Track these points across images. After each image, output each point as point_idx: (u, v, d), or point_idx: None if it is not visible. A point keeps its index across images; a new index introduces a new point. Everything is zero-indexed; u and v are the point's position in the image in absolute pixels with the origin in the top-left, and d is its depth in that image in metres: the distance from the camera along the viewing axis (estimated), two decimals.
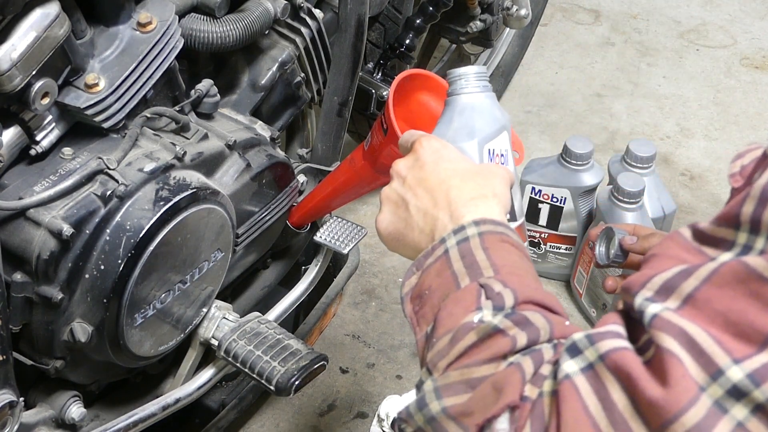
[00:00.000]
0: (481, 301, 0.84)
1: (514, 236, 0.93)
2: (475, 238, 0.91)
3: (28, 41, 1.18)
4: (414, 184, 1.01)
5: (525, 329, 0.81)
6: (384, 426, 1.83)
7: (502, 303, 0.83)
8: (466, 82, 1.14)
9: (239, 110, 1.58)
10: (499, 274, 0.87)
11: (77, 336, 1.28)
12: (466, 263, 0.89)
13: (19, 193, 1.25)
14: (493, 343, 0.81)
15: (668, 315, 0.69)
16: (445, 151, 1.03)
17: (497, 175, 1.01)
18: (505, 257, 0.90)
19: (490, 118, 1.13)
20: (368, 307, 2.11)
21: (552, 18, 3.05)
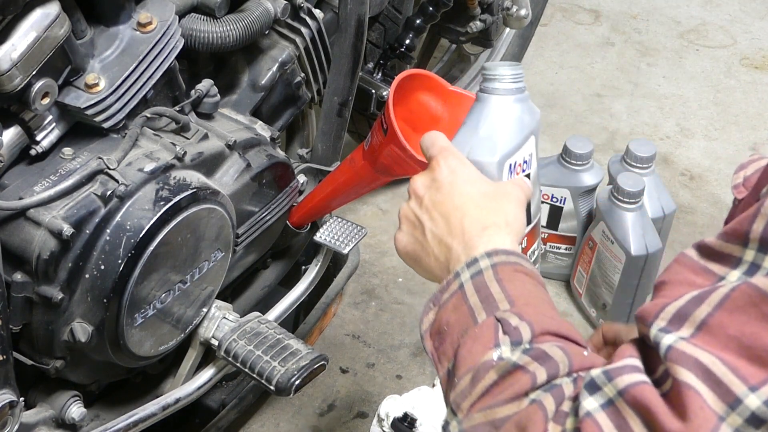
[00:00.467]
0: (498, 337, 0.85)
1: (528, 264, 0.94)
2: (488, 271, 0.92)
3: (28, 41, 1.18)
4: (430, 207, 1.02)
5: (544, 364, 0.81)
6: (384, 426, 1.83)
7: (520, 337, 0.84)
8: (499, 84, 1.10)
9: (239, 110, 1.58)
10: (514, 306, 0.87)
11: (77, 336, 1.28)
12: (481, 297, 0.90)
13: (20, 193, 1.25)
14: (514, 380, 0.81)
15: (683, 346, 0.69)
16: (463, 171, 1.02)
17: (512, 198, 1.00)
18: (519, 288, 0.90)
19: (517, 128, 1.10)
20: (368, 307, 2.11)
21: (552, 18, 3.05)
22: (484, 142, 1.08)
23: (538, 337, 0.84)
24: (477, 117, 1.09)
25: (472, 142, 1.08)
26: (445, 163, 1.03)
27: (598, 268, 2.01)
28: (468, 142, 1.08)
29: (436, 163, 1.04)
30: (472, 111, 1.10)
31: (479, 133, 1.08)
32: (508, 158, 1.08)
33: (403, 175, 1.49)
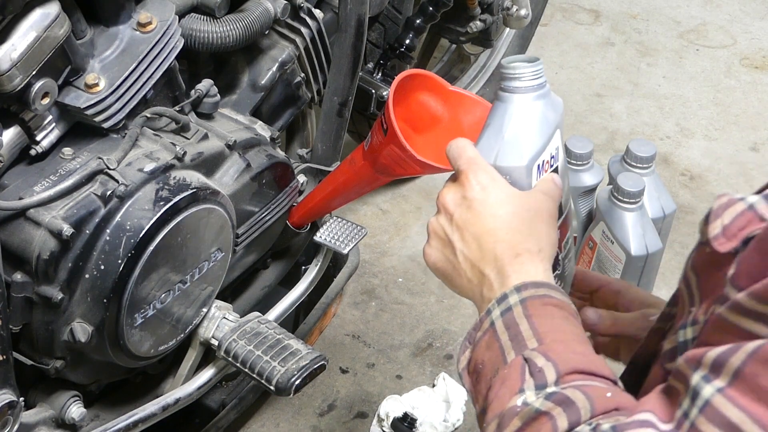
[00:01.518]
0: (524, 380, 0.85)
1: (557, 294, 0.93)
2: (517, 307, 0.91)
3: (28, 41, 1.18)
4: (462, 226, 1.00)
5: (566, 410, 0.80)
6: (384, 426, 1.83)
7: (545, 380, 0.84)
8: (521, 83, 1.05)
9: (239, 110, 1.58)
10: (542, 344, 0.87)
11: (77, 336, 1.28)
12: (511, 335, 0.89)
13: (19, 193, 1.25)
14: (537, 428, 0.81)
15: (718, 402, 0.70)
16: (494, 189, 1.00)
17: (544, 215, 1.00)
18: (548, 323, 0.89)
19: (543, 126, 1.06)
20: (368, 307, 2.11)
21: (552, 18, 3.05)
22: (511, 146, 1.04)
23: (564, 377, 0.84)
24: (500, 119, 1.05)
25: (498, 147, 1.04)
26: (475, 179, 1.01)
27: (598, 268, 2.01)
28: (494, 147, 1.04)
29: (465, 178, 1.02)
30: (495, 112, 1.06)
31: (504, 137, 1.04)
32: (536, 160, 1.05)
33: (403, 175, 1.49)
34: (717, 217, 0.80)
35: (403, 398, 1.87)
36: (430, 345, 2.03)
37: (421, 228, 2.31)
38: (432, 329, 2.06)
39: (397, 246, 2.26)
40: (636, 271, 1.93)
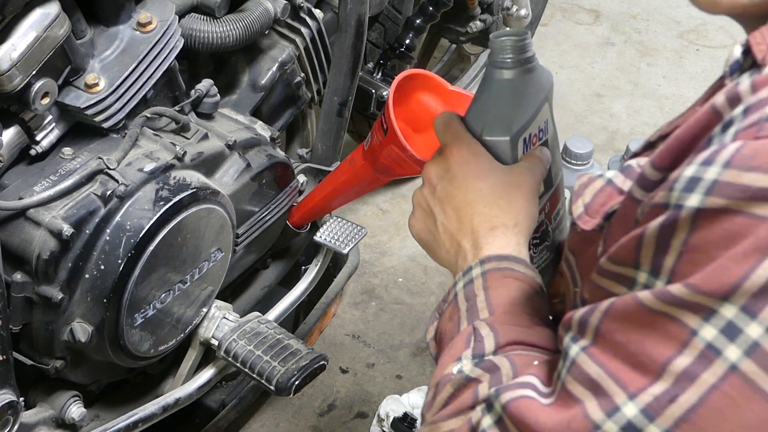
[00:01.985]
0: (466, 348, 0.86)
1: (521, 267, 0.94)
2: (478, 279, 0.93)
3: (28, 41, 1.18)
4: (443, 198, 1.03)
5: (492, 377, 0.82)
6: (384, 426, 1.83)
7: (482, 350, 0.85)
8: (507, 56, 1.04)
9: (239, 110, 1.58)
10: (493, 315, 0.89)
11: (77, 336, 1.28)
12: (468, 306, 0.91)
13: (19, 193, 1.25)
14: (463, 394, 0.83)
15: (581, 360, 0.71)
16: (476, 162, 1.02)
17: (524, 189, 1.01)
18: (503, 295, 0.91)
19: (529, 100, 1.06)
20: (368, 307, 2.11)
21: (552, 18, 3.05)
22: (497, 119, 1.04)
23: (504, 347, 0.85)
24: (487, 93, 1.05)
25: (484, 121, 1.05)
26: (458, 153, 1.02)
27: None
28: (480, 120, 1.05)
29: (449, 152, 1.03)
30: (483, 85, 1.06)
31: (490, 110, 1.05)
32: (522, 133, 1.05)
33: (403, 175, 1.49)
34: (578, 197, 0.82)
35: (403, 398, 1.87)
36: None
37: None
38: None
39: (397, 246, 2.26)
40: None
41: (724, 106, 0.68)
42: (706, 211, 0.64)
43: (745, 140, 0.63)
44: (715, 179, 0.63)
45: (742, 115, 0.65)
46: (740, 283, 0.62)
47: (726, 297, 0.63)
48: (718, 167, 0.63)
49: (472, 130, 1.04)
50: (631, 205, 0.74)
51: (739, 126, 0.65)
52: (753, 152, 0.62)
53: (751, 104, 0.65)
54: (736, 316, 0.63)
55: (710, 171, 0.63)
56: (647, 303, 0.66)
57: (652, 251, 0.67)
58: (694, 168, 0.64)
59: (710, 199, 0.63)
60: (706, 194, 0.63)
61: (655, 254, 0.67)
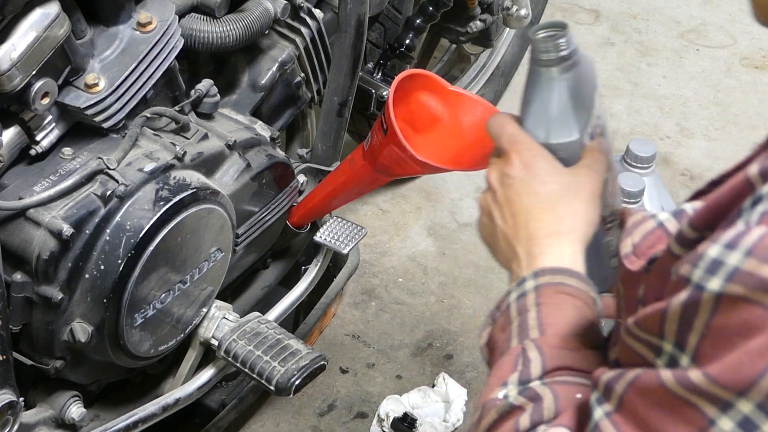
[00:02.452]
0: (513, 371, 0.87)
1: (574, 281, 0.94)
2: (531, 294, 0.93)
3: (28, 41, 1.18)
4: (502, 203, 1.02)
5: (533, 408, 0.83)
6: (384, 426, 1.83)
7: (529, 375, 0.86)
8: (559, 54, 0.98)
9: (239, 110, 1.58)
10: (543, 335, 0.89)
11: (77, 336, 1.28)
12: (520, 321, 0.92)
13: (19, 193, 1.25)
14: (506, 422, 0.83)
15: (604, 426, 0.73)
16: (536, 167, 1.00)
17: (584, 192, 0.99)
18: (554, 313, 0.91)
19: (588, 92, 1.01)
20: (368, 307, 2.11)
21: (552, 18, 3.05)
22: (561, 121, 1.00)
23: (550, 372, 0.86)
24: (544, 94, 1.00)
25: (546, 125, 1.01)
26: (518, 158, 1.01)
27: None
28: (542, 125, 1.01)
29: (508, 157, 1.02)
30: (535, 87, 1.01)
31: (552, 113, 1.00)
32: (587, 128, 1.01)
33: (403, 175, 1.49)
34: (629, 235, 0.82)
35: (403, 398, 1.87)
36: (430, 345, 2.03)
37: (420, 228, 2.31)
38: (432, 329, 2.06)
39: (397, 246, 2.26)
40: None
41: (756, 178, 0.69)
42: (726, 296, 0.65)
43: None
44: (737, 266, 0.64)
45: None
46: (756, 380, 0.64)
47: (743, 392, 0.65)
48: (740, 254, 0.64)
49: (535, 135, 1.01)
50: (668, 259, 0.75)
51: (766, 207, 0.66)
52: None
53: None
54: (752, 412, 0.65)
55: (732, 256, 0.65)
56: (669, 386, 0.68)
57: (676, 327, 0.69)
58: (718, 249, 0.65)
59: (730, 286, 0.65)
60: (727, 280, 0.65)
61: (679, 331, 0.68)
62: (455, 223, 2.33)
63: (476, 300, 2.13)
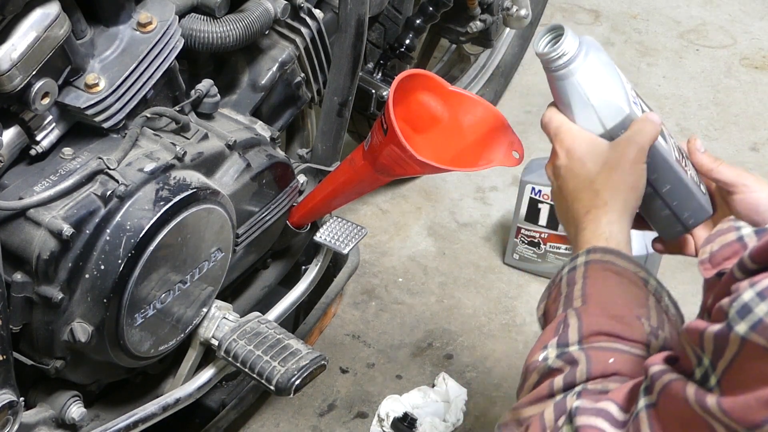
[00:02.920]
0: (554, 336, 0.94)
1: (622, 261, 1.01)
2: (581, 268, 1.01)
3: (28, 41, 1.18)
4: (557, 194, 1.13)
5: (569, 370, 0.89)
6: (384, 426, 1.83)
7: (567, 339, 0.92)
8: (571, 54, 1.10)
9: (239, 110, 1.58)
10: (585, 304, 0.96)
11: (77, 336, 1.28)
12: (567, 293, 0.99)
13: (19, 193, 1.25)
14: (543, 384, 0.90)
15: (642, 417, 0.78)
16: (576, 150, 1.10)
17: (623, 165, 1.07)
18: (599, 286, 0.98)
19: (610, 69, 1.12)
20: (368, 307, 2.11)
21: (552, 18, 3.05)
22: (606, 107, 1.10)
23: (588, 338, 0.91)
24: (578, 93, 1.11)
25: (596, 116, 1.11)
26: (560, 147, 1.11)
27: None
28: (593, 119, 1.11)
29: (553, 149, 1.13)
30: (564, 92, 1.11)
31: (594, 104, 1.10)
32: (630, 100, 1.12)
33: (403, 175, 1.49)
34: (709, 242, 0.86)
35: (403, 398, 1.87)
36: (430, 345, 2.03)
37: (420, 228, 2.31)
38: (432, 329, 2.06)
39: (397, 246, 2.26)
40: None
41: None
42: (749, 342, 0.69)
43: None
44: (761, 318, 0.68)
45: None
46: (762, 425, 0.69)
47: (750, 429, 0.69)
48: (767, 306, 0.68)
49: (593, 130, 1.11)
50: (731, 280, 0.77)
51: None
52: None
53: None
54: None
55: (761, 307, 0.68)
56: (691, 401, 0.73)
57: (712, 347, 0.73)
58: (751, 295, 0.69)
59: (753, 335, 0.68)
60: (752, 329, 0.68)
61: (714, 352, 0.72)
62: (455, 223, 2.33)
63: (476, 300, 2.13)
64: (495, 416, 1.88)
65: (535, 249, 2.15)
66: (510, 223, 2.21)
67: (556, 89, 1.12)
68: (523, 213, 2.12)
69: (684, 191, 1.16)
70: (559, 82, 1.11)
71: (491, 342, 2.04)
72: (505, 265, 2.22)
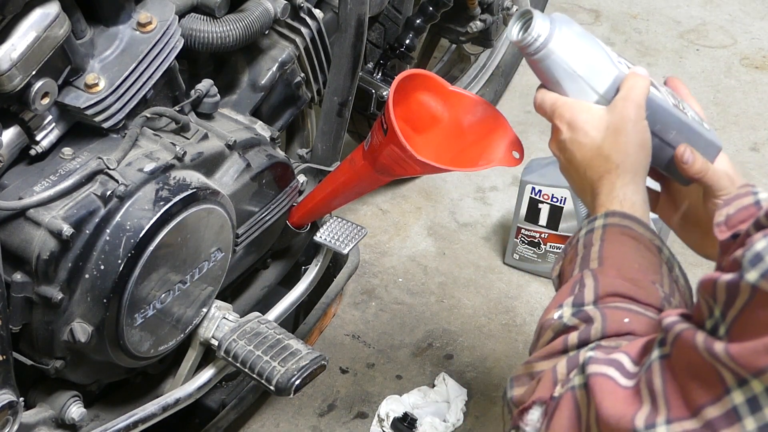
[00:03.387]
0: (570, 295, 0.95)
1: (640, 228, 1.03)
2: (598, 230, 1.03)
3: (28, 41, 1.18)
4: (566, 167, 1.15)
5: (585, 327, 0.91)
6: (384, 426, 1.83)
7: (582, 299, 0.94)
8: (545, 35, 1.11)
9: (239, 110, 1.58)
10: (601, 266, 0.97)
11: (77, 336, 1.28)
12: (584, 254, 1.01)
13: (19, 193, 1.25)
14: (557, 339, 0.92)
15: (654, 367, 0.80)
16: (577, 120, 1.12)
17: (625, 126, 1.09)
18: (616, 249, 1.00)
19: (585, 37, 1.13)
20: (368, 307, 2.11)
21: None
22: (593, 74, 1.12)
23: (604, 298, 0.93)
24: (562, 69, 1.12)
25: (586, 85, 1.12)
26: (561, 122, 1.13)
27: None
28: (584, 89, 1.12)
29: (554, 125, 1.14)
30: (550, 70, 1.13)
31: (581, 75, 1.12)
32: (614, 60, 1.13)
33: (403, 175, 1.49)
34: (726, 205, 0.88)
35: (403, 398, 1.87)
36: (430, 345, 2.03)
37: (420, 228, 2.31)
38: (432, 329, 2.06)
39: (397, 246, 2.26)
40: None
41: None
42: (760, 290, 0.70)
43: None
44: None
45: None
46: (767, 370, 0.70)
47: (756, 375, 0.70)
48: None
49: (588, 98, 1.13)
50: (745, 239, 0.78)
51: None
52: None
53: None
54: (761, 394, 0.71)
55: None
56: (700, 348, 0.75)
57: (724, 297, 0.74)
58: (764, 244, 0.71)
59: (764, 282, 0.70)
60: (762, 277, 0.70)
61: (725, 302, 0.74)
62: (455, 223, 2.33)
63: (476, 300, 2.13)
64: (495, 416, 1.88)
65: (535, 249, 2.15)
66: (510, 223, 2.21)
67: (541, 71, 1.14)
68: (523, 213, 2.12)
69: (689, 132, 1.18)
70: (542, 63, 1.13)
71: (491, 342, 2.04)
72: (505, 265, 2.22)
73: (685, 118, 1.18)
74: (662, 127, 1.15)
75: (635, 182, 1.08)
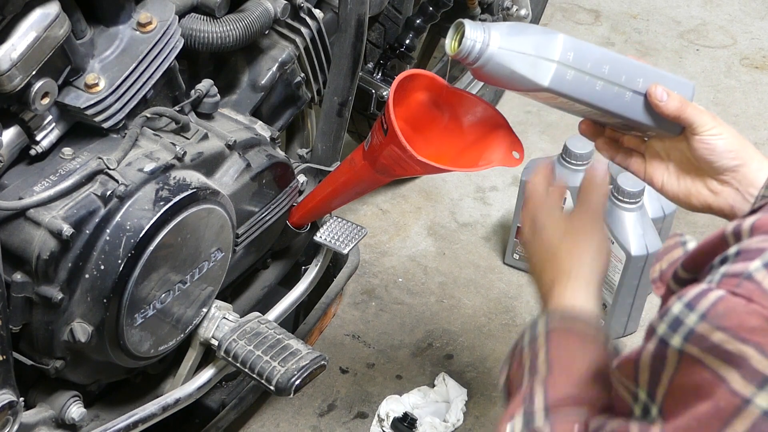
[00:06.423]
0: (521, 405, 0.94)
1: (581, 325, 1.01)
2: (541, 336, 1.00)
3: (28, 41, 1.18)
4: (528, 258, 1.15)
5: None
6: (384, 426, 1.84)
7: (532, 409, 0.92)
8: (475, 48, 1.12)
9: (239, 110, 1.58)
10: (551, 374, 0.95)
11: (77, 336, 1.28)
12: (531, 364, 0.98)
13: (19, 193, 1.25)
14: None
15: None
16: (538, 219, 1.12)
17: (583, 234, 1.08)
18: (562, 352, 0.97)
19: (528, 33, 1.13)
20: (368, 307, 2.11)
21: (552, 18, 3.05)
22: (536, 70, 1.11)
23: (554, 408, 0.91)
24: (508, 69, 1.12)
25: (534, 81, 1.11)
26: (526, 218, 1.14)
27: None
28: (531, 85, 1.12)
29: (523, 219, 1.16)
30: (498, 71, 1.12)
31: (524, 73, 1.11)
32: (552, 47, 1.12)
33: (403, 175, 1.49)
34: (658, 261, 0.87)
35: (403, 398, 1.87)
36: (430, 345, 2.03)
37: (420, 228, 2.31)
38: (432, 329, 2.06)
39: (397, 246, 2.26)
40: (636, 272, 1.93)
41: (729, 235, 0.73)
42: (686, 355, 0.68)
43: (725, 291, 0.67)
44: (692, 328, 0.68)
45: (734, 257, 0.70)
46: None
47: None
48: (696, 317, 0.68)
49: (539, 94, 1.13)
50: (668, 295, 0.78)
51: (727, 269, 0.69)
52: (725, 311, 0.67)
53: (743, 249, 0.70)
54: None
55: (690, 318, 0.68)
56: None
57: (647, 376, 0.73)
58: (680, 308, 0.69)
59: (688, 346, 0.68)
60: (685, 340, 0.68)
61: (650, 382, 0.72)
62: (455, 223, 2.33)
63: (476, 300, 2.13)
64: (495, 416, 1.88)
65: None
66: (510, 223, 2.20)
67: (486, 76, 1.14)
68: None
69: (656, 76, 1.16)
70: (485, 69, 1.13)
71: (491, 342, 2.04)
72: (505, 265, 2.22)
73: (650, 66, 1.17)
74: (627, 78, 1.15)
75: (587, 290, 1.06)
